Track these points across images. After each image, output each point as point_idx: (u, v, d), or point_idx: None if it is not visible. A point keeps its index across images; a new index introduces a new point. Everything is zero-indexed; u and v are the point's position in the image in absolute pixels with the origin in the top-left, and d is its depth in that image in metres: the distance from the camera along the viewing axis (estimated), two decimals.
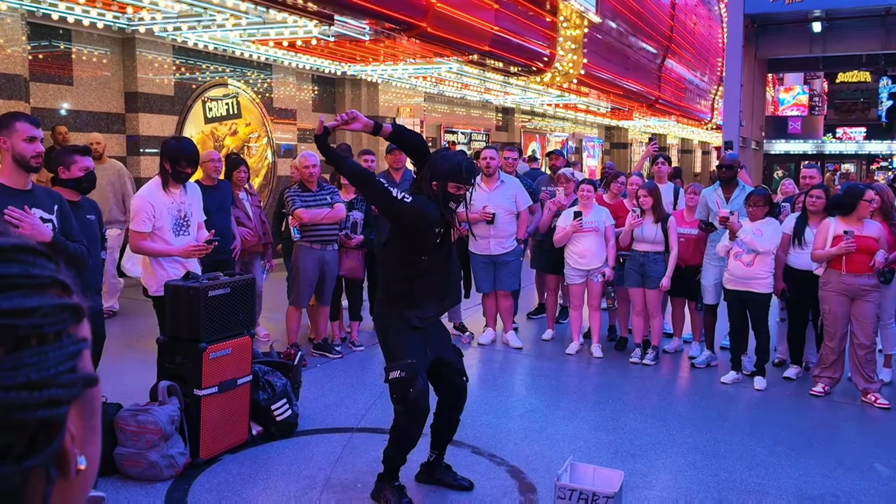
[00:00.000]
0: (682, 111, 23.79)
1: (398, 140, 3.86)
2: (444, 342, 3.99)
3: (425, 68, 12.26)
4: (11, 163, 3.43)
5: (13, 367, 0.44)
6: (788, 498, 4.03)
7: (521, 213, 6.94)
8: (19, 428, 0.44)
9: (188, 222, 4.81)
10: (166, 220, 4.67)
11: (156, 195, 4.69)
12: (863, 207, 5.54)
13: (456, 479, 4.06)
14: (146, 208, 4.61)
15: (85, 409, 0.51)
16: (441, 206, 3.66)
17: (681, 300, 6.95)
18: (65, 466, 0.50)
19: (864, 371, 5.66)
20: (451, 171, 3.64)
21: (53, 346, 0.47)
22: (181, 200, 4.79)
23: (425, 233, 3.69)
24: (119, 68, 9.66)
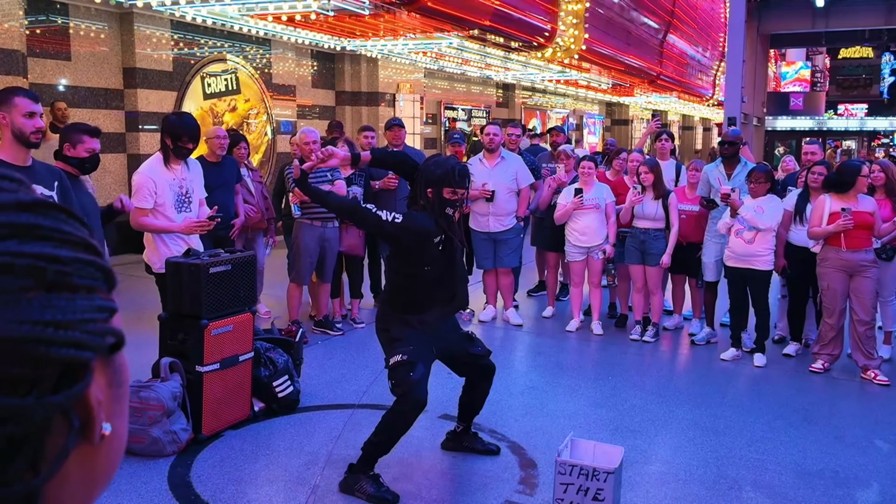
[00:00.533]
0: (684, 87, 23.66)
1: (381, 165, 3.84)
2: (451, 336, 3.98)
3: (425, 43, 12.18)
4: (11, 138, 3.41)
5: (41, 304, 0.46)
6: (787, 473, 4.05)
7: (522, 191, 6.92)
8: (42, 362, 0.45)
9: (189, 198, 4.80)
10: (168, 196, 4.65)
11: (157, 171, 4.67)
12: (860, 183, 5.53)
13: (484, 444, 4.19)
14: (148, 185, 4.59)
15: (113, 377, 0.52)
16: (437, 214, 3.64)
17: (681, 277, 6.96)
18: (89, 426, 0.50)
19: (864, 347, 5.68)
20: (444, 177, 3.62)
21: (82, 296, 0.48)
22: (182, 177, 4.77)
23: (424, 245, 3.68)
24: (117, 43, 9.59)
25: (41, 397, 0.46)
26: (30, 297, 0.45)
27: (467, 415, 4.21)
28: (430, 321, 3.79)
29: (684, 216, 6.55)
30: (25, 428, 0.45)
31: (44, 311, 0.45)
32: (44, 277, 0.46)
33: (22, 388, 0.45)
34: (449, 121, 17.86)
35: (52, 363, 0.46)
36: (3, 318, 0.44)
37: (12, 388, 0.44)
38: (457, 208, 3.72)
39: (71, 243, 0.49)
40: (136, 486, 3.71)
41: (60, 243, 0.49)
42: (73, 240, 0.50)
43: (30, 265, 0.46)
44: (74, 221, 0.51)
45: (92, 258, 0.50)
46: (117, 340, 0.51)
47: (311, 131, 6.34)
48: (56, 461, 0.48)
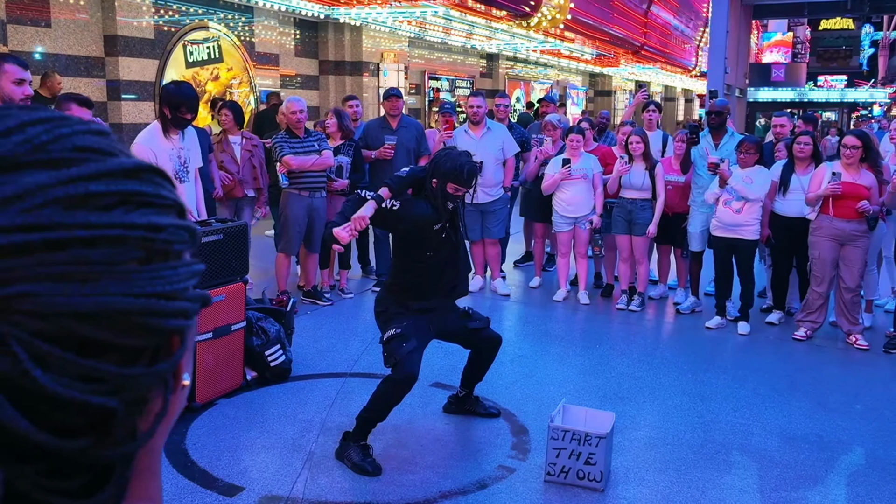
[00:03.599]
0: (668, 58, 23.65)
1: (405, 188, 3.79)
2: (448, 315, 4.02)
3: (411, 11, 12.06)
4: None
5: (151, 276, 0.47)
6: (773, 438, 4.15)
7: (508, 161, 6.94)
8: (156, 333, 0.47)
9: (188, 168, 4.79)
10: (168, 166, 4.63)
11: (156, 141, 4.67)
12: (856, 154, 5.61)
13: (485, 408, 4.31)
14: (147, 155, 4.53)
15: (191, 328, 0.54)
16: (439, 204, 3.69)
17: (666, 247, 7.03)
18: (177, 379, 0.53)
19: (850, 314, 5.80)
20: (451, 172, 3.66)
21: (182, 262, 0.50)
22: (181, 146, 4.76)
23: (424, 231, 3.71)
24: (98, 10, 9.42)
25: (151, 365, 0.47)
26: (141, 268, 0.46)
27: (470, 381, 4.29)
28: (431, 308, 3.86)
29: (670, 187, 6.60)
30: (137, 395, 0.47)
31: (154, 282, 0.47)
32: (153, 248, 0.47)
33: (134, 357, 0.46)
34: (433, 91, 17.76)
35: (164, 333, 0.48)
36: (118, 292, 0.45)
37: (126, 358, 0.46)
38: (457, 203, 3.78)
39: (168, 208, 0.50)
40: None
41: (161, 209, 0.50)
42: (170, 204, 0.51)
43: (140, 237, 0.47)
44: (168, 183, 0.52)
45: (184, 222, 0.51)
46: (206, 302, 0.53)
47: (297, 100, 6.30)
48: (156, 422, 0.50)
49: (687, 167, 6.63)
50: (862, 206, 5.53)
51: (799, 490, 3.62)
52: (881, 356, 5.62)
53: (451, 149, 3.85)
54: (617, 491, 3.54)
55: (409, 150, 6.80)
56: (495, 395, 4.62)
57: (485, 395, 4.61)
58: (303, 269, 6.78)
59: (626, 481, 3.63)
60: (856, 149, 5.60)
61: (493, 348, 4.19)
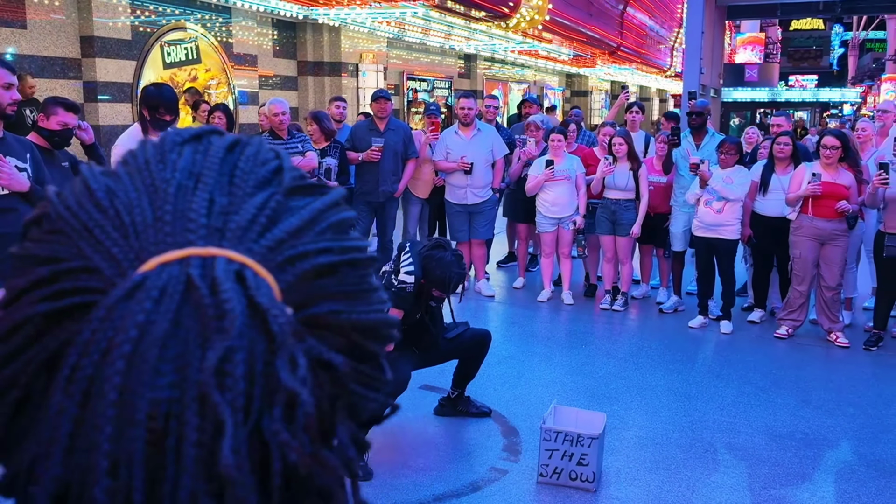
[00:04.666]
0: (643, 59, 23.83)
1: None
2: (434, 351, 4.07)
3: (390, 11, 12.04)
4: None
5: (377, 292, 0.52)
6: (759, 436, 4.20)
7: (497, 163, 6.95)
8: (386, 340, 0.52)
9: None
10: None
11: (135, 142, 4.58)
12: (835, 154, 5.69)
13: (477, 407, 4.35)
14: None
15: None
16: (421, 302, 3.78)
17: (649, 247, 7.08)
18: None
19: (830, 312, 5.88)
20: (439, 281, 3.73)
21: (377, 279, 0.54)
22: None
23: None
24: (74, 10, 9.29)
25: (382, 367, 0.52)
26: (371, 285, 0.51)
27: (462, 380, 4.33)
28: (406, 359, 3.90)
29: (652, 187, 6.65)
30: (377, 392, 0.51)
31: (379, 296, 0.51)
32: (374, 265, 0.52)
33: (382, 365, 0.51)
34: (412, 92, 17.74)
35: (390, 340, 0.52)
36: (375, 308, 0.50)
37: (380, 366, 0.51)
38: (439, 304, 3.90)
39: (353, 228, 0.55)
40: None
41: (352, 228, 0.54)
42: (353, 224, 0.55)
43: (369, 258, 0.51)
44: None
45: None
46: None
47: (280, 102, 6.26)
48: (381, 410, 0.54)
49: (669, 168, 6.69)
50: (841, 206, 5.61)
51: (787, 487, 3.67)
52: (861, 353, 5.70)
53: (444, 251, 3.79)
54: (609, 491, 3.56)
55: (397, 153, 6.78)
56: (484, 397, 4.62)
57: (474, 396, 4.61)
58: None
59: (618, 481, 3.66)
60: (835, 149, 5.68)
61: (482, 345, 4.21)
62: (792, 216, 5.90)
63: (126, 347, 0.40)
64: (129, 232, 0.45)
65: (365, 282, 0.50)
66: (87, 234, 0.46)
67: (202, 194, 0.46)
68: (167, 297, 0.42)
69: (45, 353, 0.44)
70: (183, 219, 0.45)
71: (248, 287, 0.43)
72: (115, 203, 0.46)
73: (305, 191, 0.50)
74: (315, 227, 0.48)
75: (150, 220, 0.45)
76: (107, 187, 0.48)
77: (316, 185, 0.51)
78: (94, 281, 0.44)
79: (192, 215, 0.45)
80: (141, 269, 0.43)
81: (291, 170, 0.51)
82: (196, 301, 0.42)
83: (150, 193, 0.47)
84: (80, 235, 0.46)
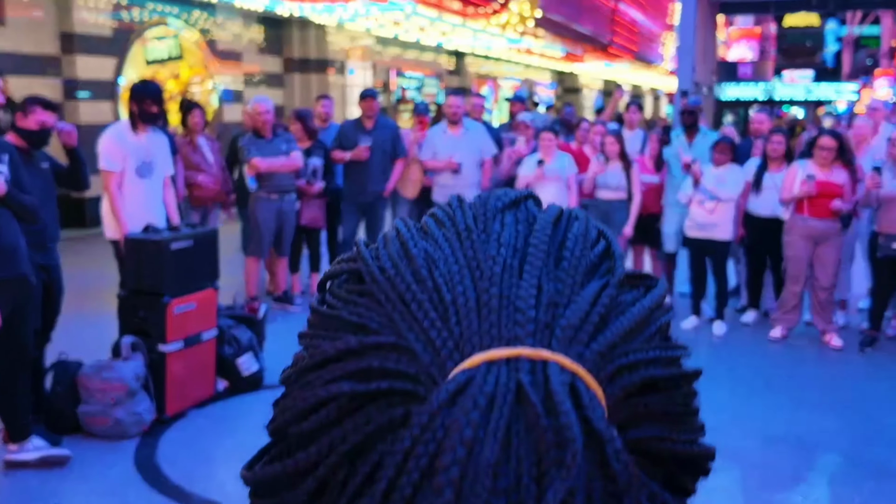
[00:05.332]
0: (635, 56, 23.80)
1: None
2: None
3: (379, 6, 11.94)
4: None
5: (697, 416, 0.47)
6: (754, 440, 4.13)
7: (486, 162, 6.87)
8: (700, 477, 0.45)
9: (151, 168, 4.70)
10: (131, 161, 4.60)
11: (124, 135, 4.64)
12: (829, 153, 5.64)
13: None
14: (116, 146, 4.56)
15: None
16: None
17: (641, 247, 7.01)
18: None
19: (824, 313, 5.83)
20: None
21: None
22: (147, 146, 4.71)
23: None
24: (53, 7, 9.15)
25: None
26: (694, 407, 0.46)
27: None
28: None
29: (645, 187, 6.58)
30: None
31: (699, 421, 0.47)
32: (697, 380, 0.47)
33: None
34: (401, 89, 17.64)
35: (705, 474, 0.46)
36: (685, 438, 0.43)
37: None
38: None
39: None
40: (101, 470, 3.60)
41: None
42: None
43: (694, 372, 0.47)
44: None
45: None
46: None
47: (264, 100, 6.17)
48: None
49: (660, 166, 6.62)
50: (835, 206, 5.56)
51: (782, 491, 3.62)
52: (856, 355, 5.65)
53: None
54: None
55: (385, 152, 6.69)
56: None
57: None
58: (271, 274, 6.64)
59: None
60: (831, 150, 5.62)
61: None
62: (786, 216, 5.84)
63: (454, 472, 0.34)
64: (449, 313, 0.40)
65: (690, 402, 0.44)
66: (402, 307, 0.40)
67: (530, 279, 0.40)
68: (496, 410, 0.35)
69: (348, 445, 0.38)
70: (510, 308, 0.39)
71: (582, 405, 0.36)
72: (434, 275, 0.41)
73: (633, 281, 0.44)
74: (645, 331, 0.41)
75: (472, 304, 0.40)
76: (426, 254, 0.43)
77: (643, 276, 0.44)
78: (404, 364, 0.39)
79: (520, 304, 0.39)
80: (463, 365, 0.37)
81: (621, 254, 0.45)
82: (530, 420, 0.35)
83: (473, 270, 0.41)
84: (394, 306, 0.41)
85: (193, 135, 6.32)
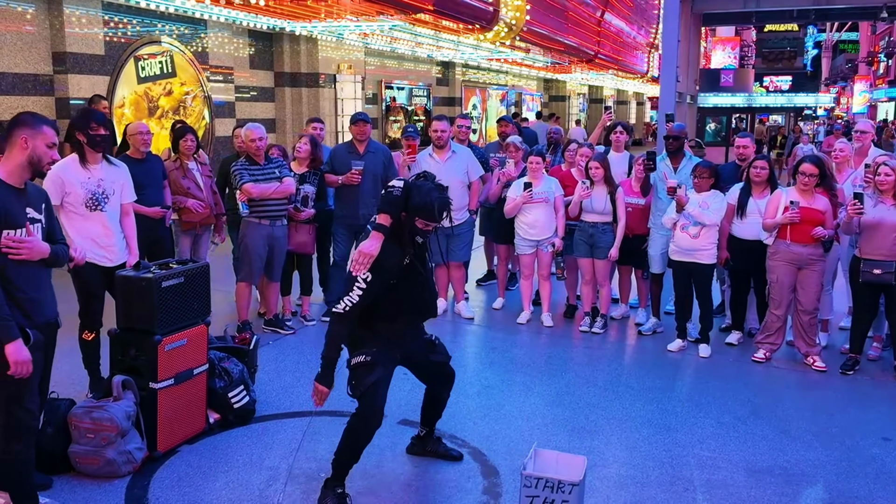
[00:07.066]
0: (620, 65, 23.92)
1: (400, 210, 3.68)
2: (415, 343, 3.96)
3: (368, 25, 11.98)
4: (24, 163, 3.26)
5: None
6: (739, 472, 4.19)
7: (473, 184, 6.93)
8: None
9: (107, 198, 4.66)
10: (78, 194, 4.56)
11: (69, 170, 4.59)
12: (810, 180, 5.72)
13: (447, 448, 4.26)
14: (55, 182, 4.52)
15: None
16: (407, 237, 3.59)
17: (627, 268, 7.09)
18: None
19: (807, 336, 5.92)
20: (421, 208, 3.52)
21: None
22: (100, 177, 4.65)
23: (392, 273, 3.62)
24: (45, 26, 9.14)
25: None
26: None
27: (429, 419, 4.26)
28: (399, 333, 3.78)
29: (630, 209, 6.65)
30: None
31: None
32: None
33: None
34: (390, 99, 17.69)
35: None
36: None
37: None
38: (427, 237, 3.69)
39: None
40: None
41: None
42: None
43: None
44: None
45: None
46: None
47: (257, 127, 6.18)
48: None
49: (647, 190, 6.70)
50: (817, 233, 5.64)
51: None
52: (838, 378, 5.74)
53: (423, 181, 3.67)
54: None
55: (377, 176, 6.73)
56: (464, 432, 4.59)
57: (453, 431, 4.59)
58: (263, 298, 6.66)
59: None
60: (813, 176, 5.71)
61: (449, 384, 4.15)
62: (769, 241, 5.93)
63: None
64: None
65: None
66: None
67: None
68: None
69: None
70: None
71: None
72: None
73: None
74: None
75: None
76: None
77: None
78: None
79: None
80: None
81: None
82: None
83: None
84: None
85: (184, 159, 6.33)
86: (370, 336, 3.70)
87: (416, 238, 3.64)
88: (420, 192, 3.56)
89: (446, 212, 3.65)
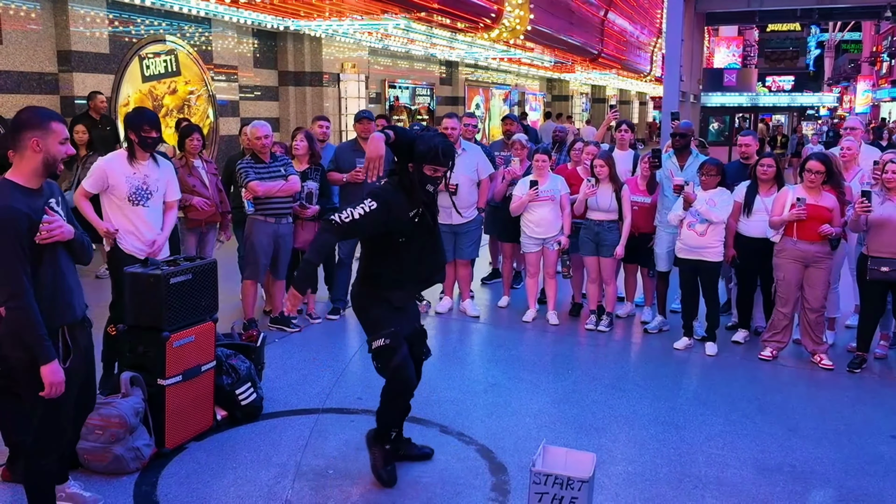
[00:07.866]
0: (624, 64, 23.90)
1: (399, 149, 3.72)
2: (414, 326, 4.01)
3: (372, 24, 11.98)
4: (39, 167, 3.08)
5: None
6: (747, 469, 4.18)
7: (483, 182, 6.92)
8: None
9: (150, 194, 4.77)
10: (122, 188, 4.67)
11: (114, 163, 4.71)
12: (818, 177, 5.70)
13: (418, 448, 4.23)
14: (100, 173, 4.68)
15: None
16: (417, 189, 3.65)
17: (633, 266, 7.08)
18: None
19: (814, 334, 5.90)
20: (427, 154, 3.62)
21: None
22: (146, 173, 4.76)
23: (399, 219, 3.66)
24: (50, 25, 9.15)
25: None
26: None
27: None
28: (405, 304, 3.87)
29: (636, 207, 6.64)
30: None
31: None
32: None
33: None
34: (394, 98, 17.69)
35: None
36: None
37: None
38: (437, 185, 3.74)
39: None
40: None
41: None
42: None
43: None
44: None
45: None
46: None
47: (263, 125, 6.18)
48: None
49: (653, 188, 6.68)
50: (824, 230, 5.63)
51: None
52: (846, 376, 5.72)
53: (427, 132, 3.79)
54: None
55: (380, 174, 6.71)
56: (472, 429, 4.59)
57: (461, 429, 4.60)
58: (269, 295, 6.66)
59: None
60: (819, 173, 5.70)
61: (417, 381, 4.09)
62: (775, 239, 5.91)
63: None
64: None
65: None
66: None
67: None
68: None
69: None
70: None
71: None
72: None
73: None
74: None
75: None
76: None
77: None
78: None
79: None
80: None
81: None
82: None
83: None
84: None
85: (190, 157, 6.32)
86: (384, 311, 3.76)
87: (427, 187, 3.68)
88: (423, 140, 3.66)
89: (452, 157, 3.75)
